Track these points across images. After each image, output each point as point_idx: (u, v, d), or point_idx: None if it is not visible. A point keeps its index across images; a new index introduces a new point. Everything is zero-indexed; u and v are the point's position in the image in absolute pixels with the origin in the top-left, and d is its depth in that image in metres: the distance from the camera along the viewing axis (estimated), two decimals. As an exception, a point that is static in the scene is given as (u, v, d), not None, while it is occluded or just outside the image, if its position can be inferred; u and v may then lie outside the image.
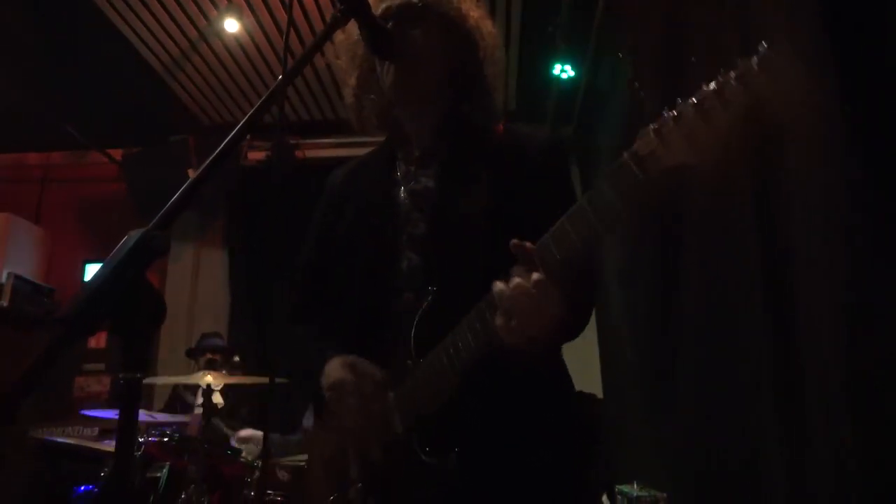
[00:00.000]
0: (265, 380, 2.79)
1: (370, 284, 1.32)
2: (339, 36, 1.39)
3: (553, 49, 4.09)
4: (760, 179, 1.95)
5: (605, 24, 3.83)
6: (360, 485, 1.25)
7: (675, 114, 0.86)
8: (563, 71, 4.11)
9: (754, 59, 0.80)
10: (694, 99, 0.84)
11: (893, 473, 1.32)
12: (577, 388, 1.38)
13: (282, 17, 4.22)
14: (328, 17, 1.07)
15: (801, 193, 1.72)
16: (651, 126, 0.89)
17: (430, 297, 1.21)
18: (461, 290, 1.15)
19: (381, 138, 1.49)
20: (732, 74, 0.81)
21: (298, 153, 5.30)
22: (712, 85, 0.83)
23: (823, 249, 1.59)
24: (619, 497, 2.77)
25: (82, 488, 2.72)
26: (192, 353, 4.18)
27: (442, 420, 1.15)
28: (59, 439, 3.18)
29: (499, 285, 1.01)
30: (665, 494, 2.68)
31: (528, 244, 0.99)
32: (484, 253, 1.19)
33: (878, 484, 1.35)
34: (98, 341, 5.28)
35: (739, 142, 0.83)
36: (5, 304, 4.86)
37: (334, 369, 1.26)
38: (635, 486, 2.73)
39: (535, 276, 0.98)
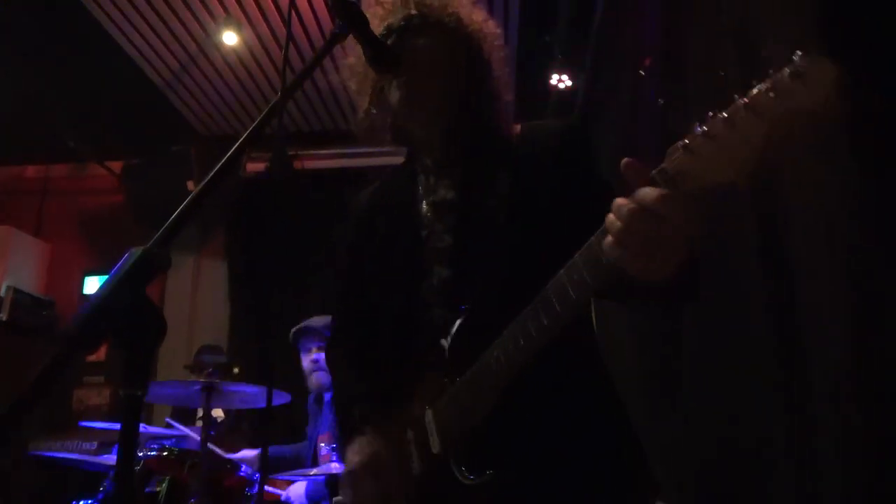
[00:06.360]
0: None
1: (400, 301, 1.32)
2: (349, 60, 1.39)
3: (550, 60, 4.11)
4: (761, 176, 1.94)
5: (603, 34, 3.85)
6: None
7: (706, 129, 0.79)
8: (560, 81, 4.12)
9: (786, 69, 0.74)
10: (724, 113, 0.78)
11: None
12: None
13: (280, 30, 4.23)
14: (327, 30, 1.07)
15: (802, 188, 1.70)
16: (681, 143, 0.82)
17: (463, 315, 1.20)
18: (495, 304, 1.15)
19: (380, 148, 1.49)
20: (765, 86, 0.75)
21: (297, 164, 5.32)
22: (744, 98, 0.76)
23: (827, 247, 1.58)
24: None
25: (81, 503, 2.71)
26: (192, 369, 4.16)
27: (480, 439, 1.15)
28: (59, 454, 3.16)
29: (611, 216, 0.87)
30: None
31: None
32: (513, 261, 1.20)
33: (887, 485, 1.35)
34: (97, 354, 5.27)
35: (773, 156, 0.77)
36: (5, 317, 4.85)
37: (362, 448, 1.27)
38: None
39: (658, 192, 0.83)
